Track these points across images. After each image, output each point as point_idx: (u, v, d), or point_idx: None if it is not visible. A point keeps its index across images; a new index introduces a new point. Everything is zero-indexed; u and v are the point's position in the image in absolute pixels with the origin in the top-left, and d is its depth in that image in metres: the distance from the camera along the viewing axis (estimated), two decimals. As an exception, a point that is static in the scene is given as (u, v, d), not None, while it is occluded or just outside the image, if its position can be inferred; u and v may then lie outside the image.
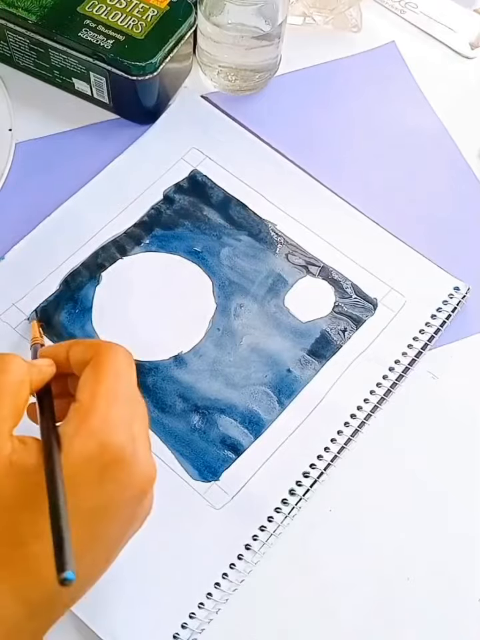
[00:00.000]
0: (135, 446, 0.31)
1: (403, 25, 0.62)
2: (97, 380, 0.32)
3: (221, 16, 0.52)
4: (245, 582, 0.40)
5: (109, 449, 0.30)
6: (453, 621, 0.41)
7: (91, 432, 0.30)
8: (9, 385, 0.31)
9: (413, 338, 0.48)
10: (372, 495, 0.43)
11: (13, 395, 0.31)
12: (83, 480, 0.29)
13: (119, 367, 0.32)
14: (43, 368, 0.34)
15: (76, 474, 0.29)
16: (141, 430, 0.32)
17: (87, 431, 0.30)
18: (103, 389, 0.31)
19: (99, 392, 0.31)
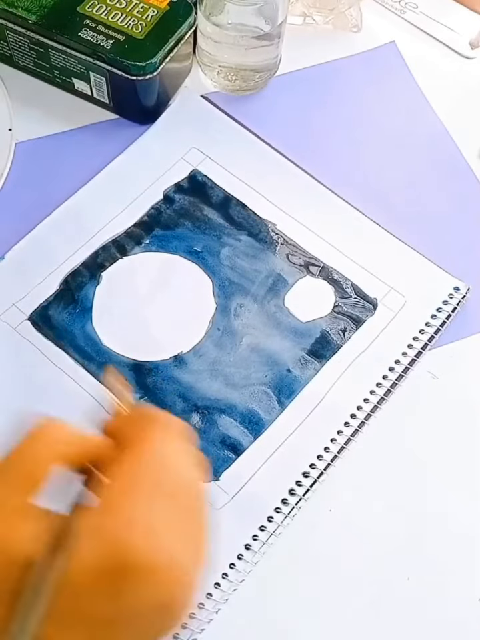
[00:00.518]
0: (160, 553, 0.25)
1: (402, 24, 0.62)
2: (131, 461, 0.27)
3: (220, 16, 0.52)
4: (245, 582, 0.40)
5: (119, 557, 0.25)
6: (453, 621, 0.41)
7: (102, 535, 0.25)
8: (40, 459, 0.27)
9: (413, 338, 0.48)
10: (372, 495, 0.43)
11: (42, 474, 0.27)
12: (92, 590, 0.25)
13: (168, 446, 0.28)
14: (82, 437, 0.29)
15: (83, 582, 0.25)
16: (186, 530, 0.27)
17: (99, 533, 0.25)
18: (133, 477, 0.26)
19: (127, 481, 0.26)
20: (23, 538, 0.25)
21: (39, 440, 0.28)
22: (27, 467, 0.27)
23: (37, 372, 0.45)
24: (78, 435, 0.29)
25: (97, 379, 0.45)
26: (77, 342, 0.46)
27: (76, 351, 0.46)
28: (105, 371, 0.44)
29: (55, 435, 0.28)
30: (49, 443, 0.28)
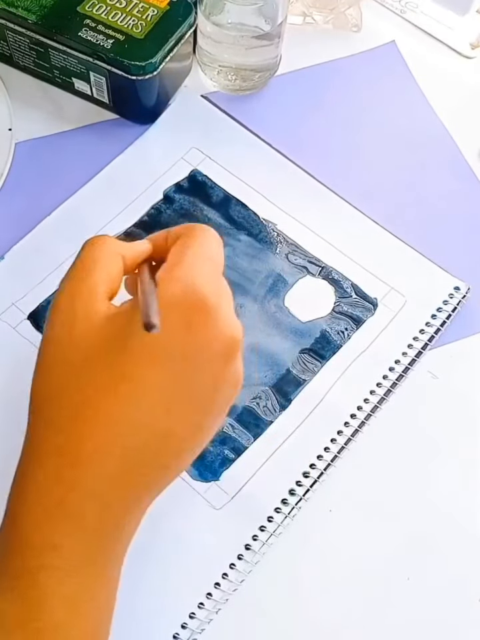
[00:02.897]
0: (219, 301, 0.30)
1: (403, 24, 0.62)
2: (185, 244, 0.32)
3: (220, 15, 0.52)
4: (244, 582, 0.40)
5: (192, 294, 0.30)
6: (453, 621, 0.41)
7: (176, 280, 0.30)
8: (99, 255, 0.32)
9: (413, 338, 0.48)
10: (372, 495, 0.43)
11: (104, 264, 0.32)
12: (169, 323, 0.29)
13: (210, 238, 0.33)
14: (135, 245, 0.34)
15: (162, 316, 0.29)
16: (225, 293, 0.32)
17: (173, 278, 0.30)
18: (190, 250, 0.31)
19: (187, 252, 0.31)
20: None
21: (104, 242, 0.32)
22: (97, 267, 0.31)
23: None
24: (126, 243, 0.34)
25: (96, 379, 0.45)
26: (76, 342, 0.46)
27: (76, 351, 0.46)
28: None
29: (110, 240, 0.33)
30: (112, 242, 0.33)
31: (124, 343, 0.29)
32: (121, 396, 0.29)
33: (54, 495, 0.29)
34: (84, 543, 0.29)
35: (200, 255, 0.31)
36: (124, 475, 0.30)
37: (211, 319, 0.30)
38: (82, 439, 0.29)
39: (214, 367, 0.31)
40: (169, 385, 0.29)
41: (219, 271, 0.32)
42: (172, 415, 0.30)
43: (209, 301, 0.30)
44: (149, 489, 0.31)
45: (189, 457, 0.32)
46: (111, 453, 0.29)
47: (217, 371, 0.31)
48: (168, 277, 0.30)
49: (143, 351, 0.29)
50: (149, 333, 0.27)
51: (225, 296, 0.31)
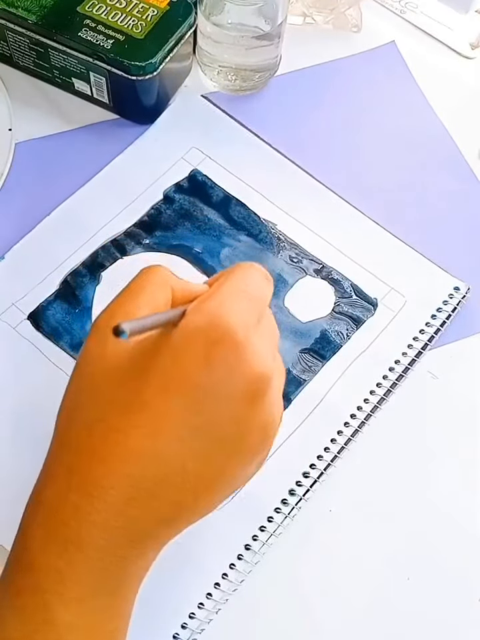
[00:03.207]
0: (249, 334, 0.29)
1: (403, 24, 0.62)
2: (224, 279, 0.31)
3: (220, 16, 0.52)
4: (244, 582, 0.40)
5: (216, 325, 0.29)
6: (453, 621, 0.41)
7: (203, 310, 0.29)
8: (147, 282, 0.32)
9: (413, 338, 0.48)
10: (372, 494, 0.43)
11: (150, 291, 0.31)
12: (190, 353, 0.28)
13: (253, 275, 0.32)
14: (190, 283, 0.33)
15: (181, 344, 0.29)
16: (263, 330, 0.31)
17: (200, 309, 0.29)
18: (226, 284, 0.31)
19: (223, 285, 0.31)
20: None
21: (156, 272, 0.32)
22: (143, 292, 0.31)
23: (36, 371, 0.45)
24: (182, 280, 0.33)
25: (96, 379, 0.45)
26: (76, 341, 0.46)
27: (76, 351, 0.46)
28: None
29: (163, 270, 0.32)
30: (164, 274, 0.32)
31: (145, 370, 0.29)
32: (137, 424, 0.28)
33: (60, 517, 0.29)
34: (87, 572, 0.29)
35: (235, 288, 0.31)
36: (132, 505, 0.28)
37: (233, 353, 0.29)
38: (92, 463, 0.28)
39: (236, 406, 0.29)
40: (187, 418, 0.28)
41: (257, 307, 0.31)
42: (188, 450, 0.29)
43: (235, 333, 0.29)
44: (161, 525, 0.30)
45: (209, 498, 0.31)
46: (120, 480, 0.28)
47: (239, 411, 0.29)
48: (196, 307, 0.30)
49: (161, 379, 0.29)
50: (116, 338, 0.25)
51: (262, 333, 0.30)
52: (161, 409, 0.28)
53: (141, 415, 0.28)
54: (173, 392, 0.28)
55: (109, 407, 0.29)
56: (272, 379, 0.30)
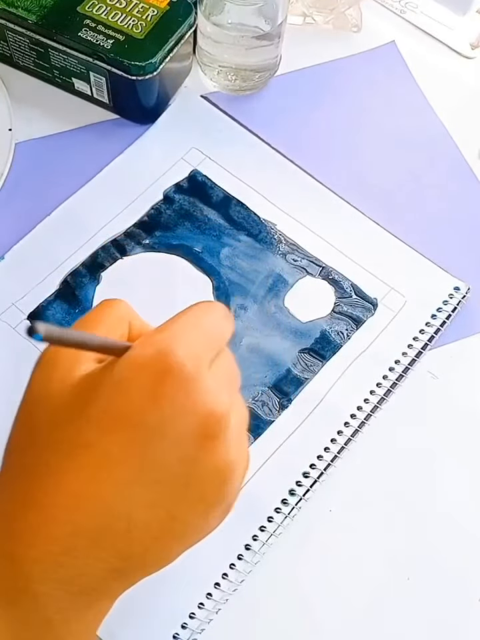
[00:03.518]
0: (201, 369, 0.27)
1: (403, 24, 0.62)
2: (180, 314, 0.29)
3: (220, 16, 0.52)
4: (244, 582, 0.40)
5: (166, 357, 0.26)
6: (453, 621, 0.41)
7: (152, 342, 0.27)
8: (104, 316, 0.30)
9: (413, 338, 0.48)
10: (372, 494, 0.43)
11: (106, 325, 0.29)
12: (133, 385, 0.26)
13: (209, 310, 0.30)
14: (147, 323, 0.32)
15: (125, 378, 0.26)
16: (219, 365, 0.28)
17: (149, 341, 0.27)
18: (181, 319, 0.29)
19: (175, 319, 0.29)
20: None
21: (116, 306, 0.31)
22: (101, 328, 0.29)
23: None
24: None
25: (96, 379, 0.45)
26: (76, 342, 0.46)
27: (76, 351, 0.46)
28: None
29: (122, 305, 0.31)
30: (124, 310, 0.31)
31: (87, 407, 0.26)
32: (78, 467, 0.26)
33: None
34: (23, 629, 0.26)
35: (189, 322, 0.28)
36: (72, 556, 0.26)
37: (183, 389, 0.26)
38: (30, 510, 0.26)
39: (185, 447, 0.26)
40: (130, 459, 0.26)
41: (210, 341, 0.29)
42: (133, 496, 0.26)
43: (184, 367, 0.26)
44: (108, 578, 0.27)
45: (160, 549, 0.28)
46: (59, 528, 0.26)
47: (189, 453, 0.26)
48: (144, 340, 0.27)
49: (104, 417, 0.26)
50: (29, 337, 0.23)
51: (215, 369, 0.28)
52: (104, 449, 0.26)
53: (82, 457, 0.26)
54: (116, 431, 0.26)
55: (49, 449, 0.27)
56: (227, 419, 0.27)
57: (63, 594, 0.26)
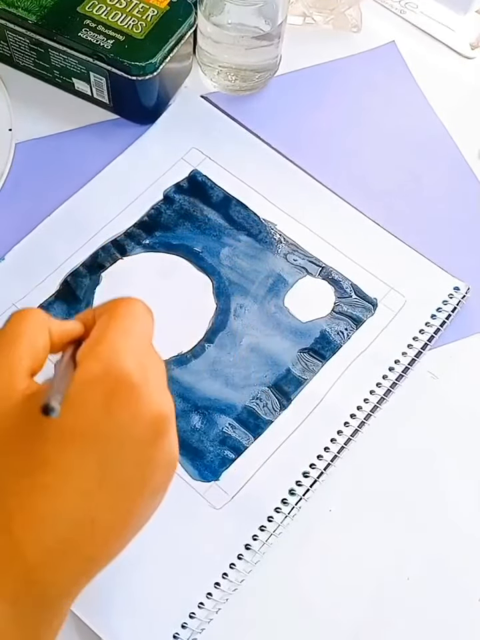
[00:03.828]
0: (145, 376, 0.29)
1: (403, 25, 0.62)
2: (108, 320, 0.31)
3: (220, 16, 0.52)
4: (245, 582, 0.40)
5: (114, 372, 0.28)
6: (453, 621, 0.41)
7: (96, 356, 0.28)
8: (25, 328, 0.30)
9: (413, 338, 0.48)
10: (372, 495, 0.43)
11: (29, 337, 0.30)
12: (88, 403, 0.28)
13: (136, 311, 0.32)
14: (64, 323, 0.32)
15: (78, 395, 0.27)
16: (153, 366, 0.30)
17: (93, 356, 0.29)
18: (113, 326, 0.30)
19: (111, 326, 0.30)
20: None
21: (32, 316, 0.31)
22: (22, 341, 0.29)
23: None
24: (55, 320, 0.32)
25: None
26: (77, 342, 0.46)
27: (76, 351, 0.46)
28: None
29: (38, 313, 0.31)
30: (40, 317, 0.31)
31: (40, 426, 0.27)
32: (38, 484, 0.27)
33: None
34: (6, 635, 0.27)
35: (123, 329, 0.30)
36: (42, 571, 0.27)
37: (133, 397, 0.28)
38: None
39: (140, 448, 0.29)
40: (90, 470, 0.27)
41: (145, 343, 0.31)
42: (95, 504, 0.27)
43: (132, 377, 0.28)
44: (75, 583, 0.29)
45: (118, 544, 0.30)
46: (27, 548, 0.27)
47: (144, 453, 0.29)
48: (88, 354, 0.29)
49: (60, 434, 0.27)
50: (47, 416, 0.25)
51: (153, 370, 0.30)
52: (63, 465, 0.27)
53: (42, 475, 0.27)
54: (74, 445, 0.27)
55: (5, 472, 0.27)
56: (171, 416, 0.30)
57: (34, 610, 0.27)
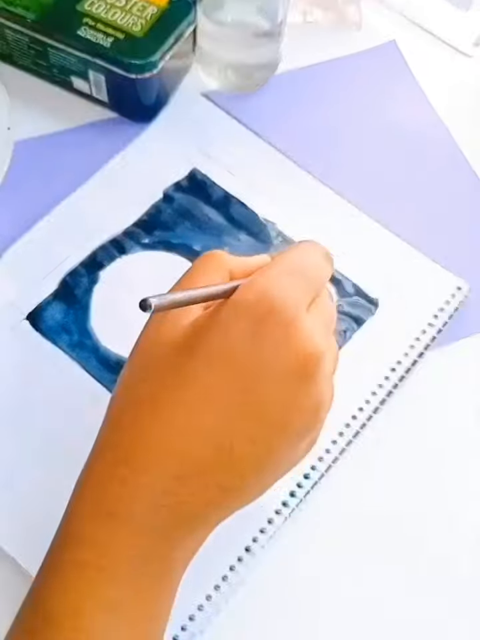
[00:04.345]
0: (299, 311, 0.29)
1: (403, 23, 0.62)
2: (279, 256, 0.31)
3: (220, 13, 0.51)
4: (244, 584, 0.40)
5: (266, 301, 0.28)
6: (453, 621, 0.40)
7: (253, 286, 0.29)
8: (207, 267, 0.32)
9: (415, 338, 0.47)
10: (372, 495, 0.43)
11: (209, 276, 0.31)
12: (237, 330, 0.28)
13: (305, 251, 0.32)
14: (248, 259, 0.33)
15: (229, 319, 0.28)
16: (317, 307, 0.30)
17: (250, 284, 0.29)
18: (279, 262, 0.30)
19: (275, 263, 0.30)
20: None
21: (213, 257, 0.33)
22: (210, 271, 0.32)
23: (35, 371, 0.45)
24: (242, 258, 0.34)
25: (95, 378, 0.45)
26: (75, 341, 0.46)
27: (74, 351, 0.45)
28: None
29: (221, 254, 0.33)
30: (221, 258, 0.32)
31: (194, 346, 0.29)
32: (183, 400, 0.28)
33: (106, 491, 0.29)
34: (130, 549, 0.28)
35: (289, 265, 0.30)
36: (178, 483, 0.28)
37: (282, 331, 0.28)
38: (139, 439, 0.29)
39: (284, 384, 0.29)
40: (233, 395, 0.28)
41: (309, 283, 0.30)
42: (235, 430, 0.28)
43: (284, 311, 0.28)
44: (209, 507, 0.29)
45: (256, 480, 0.30)
46: (166, 456, 0.28)
47: (287, 390, 0.29)
48: (247, 284, 0.29)
49: (206, 354, 0.28)
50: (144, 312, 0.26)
51: (316, 310, 0.30)
52: (208, 384, 0.28)
53: (187, 391, 0.28)
54: (219, 367, 0.28)
55: (157, 384, 0.29)
56: (322, 360, 0.29)
57: (168, 520, 0.28)
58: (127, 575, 0.28)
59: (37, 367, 0.45)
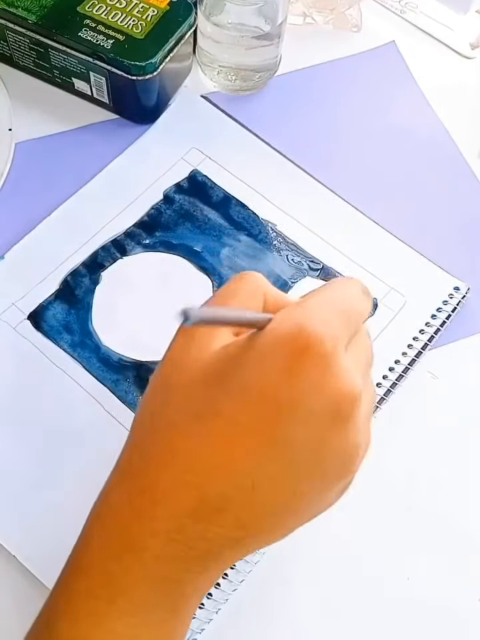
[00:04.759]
0: (338, 348, 0.27)
1: (403, 24, 0.62)
2: (318, 290, 0.30)
3: (221, 16, 0.52)
4: (244, 582, 0.40)
5: (304, 334, 0.26)
6: (453, 621, 0.41)
7: (291, 317, 0.27)
8: (241, 288, 0.30)
9: (413, 338, 0.48)
10: (372, 494, 0.43)
11: (242, 297, 0.30)
12: (270, 360, 0.26)
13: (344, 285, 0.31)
14: (284, 294, 0.32)
15: (265, 352, 0.27)
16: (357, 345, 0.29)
17: (288, 315, 0.27)
18: (318, 294, 0.29)
19: (314, 295, 0.29)
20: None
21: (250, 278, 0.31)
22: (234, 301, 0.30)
23: (36, 371, 0.45)
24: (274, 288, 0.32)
25: (96, 378, 0.45)
26: (76, 341, 0.46)
27: (75, 351, 0.46)
28: None
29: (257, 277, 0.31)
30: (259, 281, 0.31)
31: (225, 377, 0.27)
32: (209, 432, 0.27)
33: (121, 521, 0.28)
34: (142, 582, 0.27)
35: (329, 299, 0.29)
36: (195, 518, 0.27)
37: (319, 367, 0.26)
38: (159, 469, 0.27)
39: (316, 425, 0.27)
40: (262, 432, 0.26)
41: (349, 319, 0.29)
42: (259, 467, 0.27)
43: (322, 345, 0.26)
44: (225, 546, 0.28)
45: (274, 525, 0.29)
46: (184, 489, 0.27)
47: (319, 431, 0.27)
48: (284, 314, 0.28)
49: (239, 387, 0.27)
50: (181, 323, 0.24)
51: (355, 348, 0.29)
52: (236, 419, 0.27)
53: (214, 424, 0.27)
54: (249, 403, 0.26)
55: (182, 412, 0.27)
56: (358, 401, 0.27)
57: (183, 555, 0.27)
58: (138, 608, 0.27)
59: (38, 367, 0.45)
